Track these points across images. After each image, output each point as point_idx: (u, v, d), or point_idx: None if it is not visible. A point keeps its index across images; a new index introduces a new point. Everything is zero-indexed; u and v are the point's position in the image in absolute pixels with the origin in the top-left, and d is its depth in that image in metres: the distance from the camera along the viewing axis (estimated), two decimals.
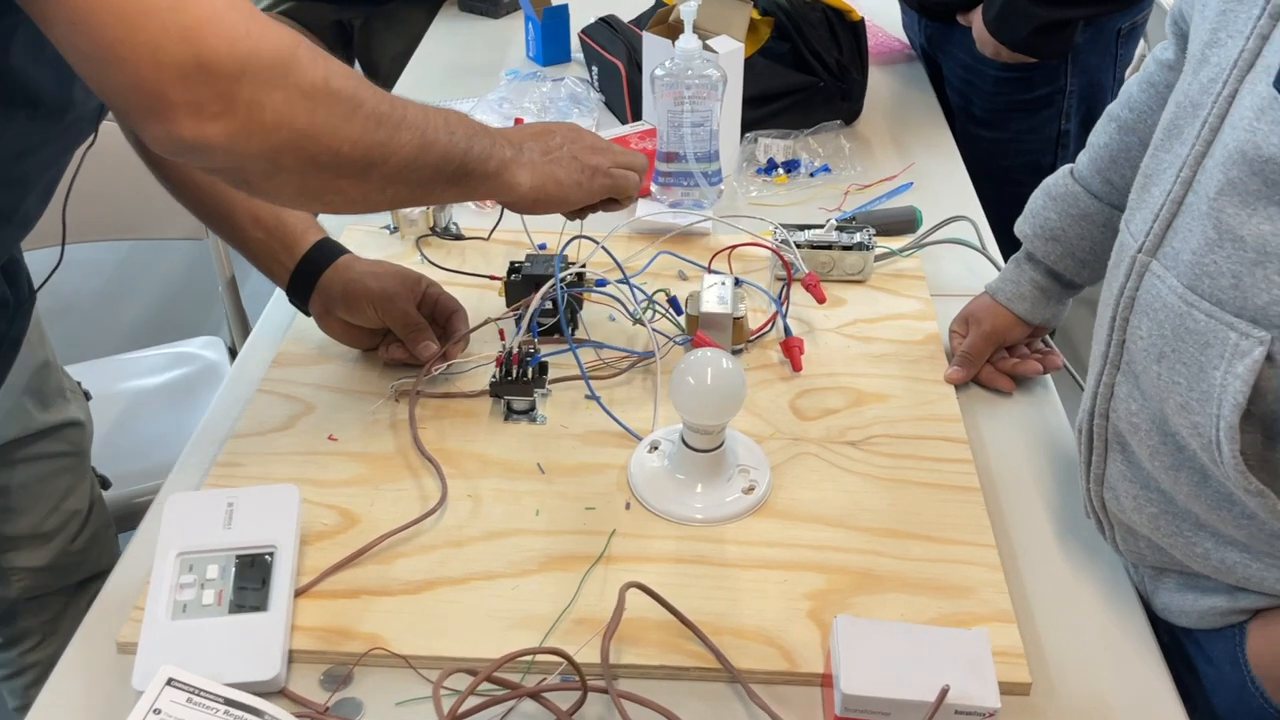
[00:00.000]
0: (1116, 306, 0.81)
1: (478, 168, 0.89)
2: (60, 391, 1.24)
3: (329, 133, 0.76)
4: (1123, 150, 1.01)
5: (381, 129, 0.80)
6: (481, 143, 0.89)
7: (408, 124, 0.82)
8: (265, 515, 0.88)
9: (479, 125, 0.91)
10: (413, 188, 0.86)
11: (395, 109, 0.81)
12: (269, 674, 0.79)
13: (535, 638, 0.84)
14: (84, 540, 1.29)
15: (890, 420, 1.06)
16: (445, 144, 0.85)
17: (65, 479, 1.25)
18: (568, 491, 0.98)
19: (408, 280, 1.10)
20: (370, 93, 0.79)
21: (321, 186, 0.80)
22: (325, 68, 0.75)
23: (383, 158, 0.81)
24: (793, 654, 0.83)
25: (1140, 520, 0.83)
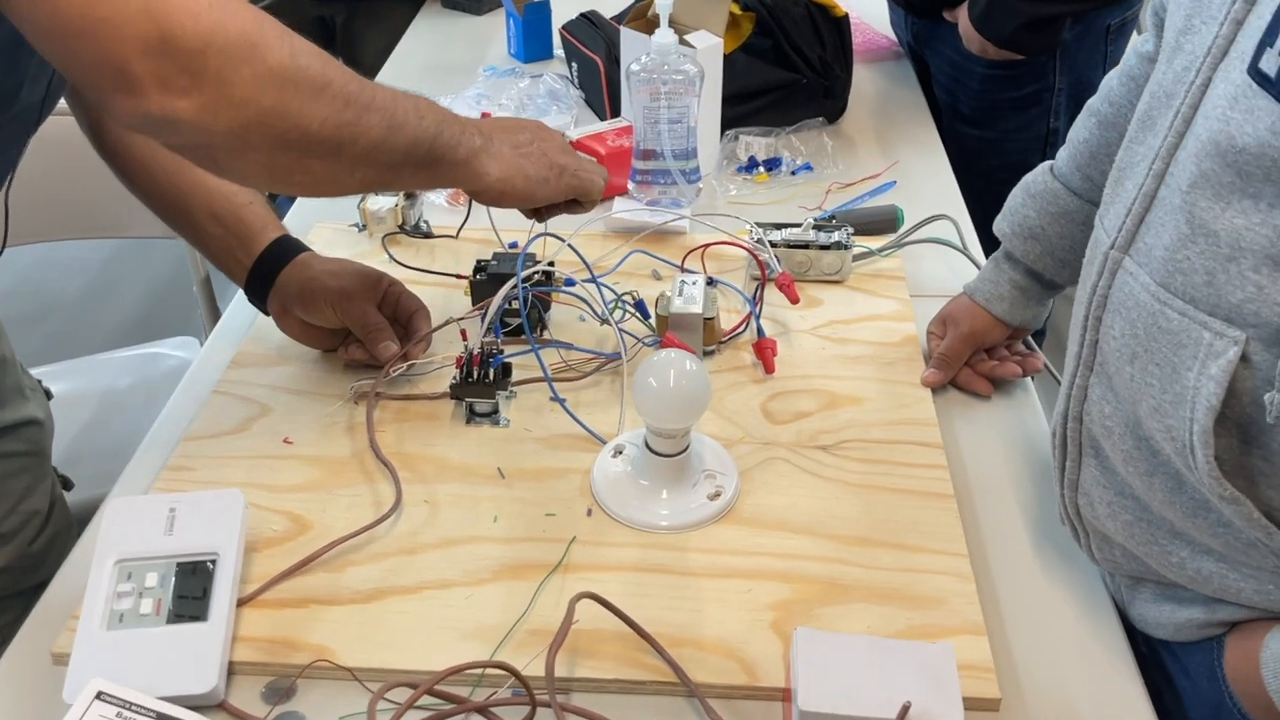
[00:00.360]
0: (1090, 305, 0.78)
1: (447, 154, 0.89)
2: (19, 389, 1.21)
3: (297, 110, 0.76)
4: (1103, 146, 0.98)
5: (350, 109, 0.79)
6: (451, 129, 0.89)
7: (376, 106, 0.82)
8: (208, 521, 0.85)
9: (449, 113, 0.90)
10: (381, 170, 0.85)
11: (364, 90, 0.81)
12: (206, 686, 0.76)
13: (487, 649, 0.81)
14: (44, 542, 1.26)
15: (864, 424, 1.03)
16: (415, 128, 0.85)
17: (24, 479, 1.22)
18: (528, 497, 0.95)
19: (368, 279, 1.07)
20: (338, 72, 0.79)
21: (290, 166, 0.80)
22: (292, 46, 0.75)
23: (351, 138, 0.80)
24: (754, 667, 0.80)
25: (1115, 528, 0.80)
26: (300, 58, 0.76)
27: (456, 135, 0.89)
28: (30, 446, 1.20)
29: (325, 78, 0.77)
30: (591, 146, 1.38)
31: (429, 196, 1.38)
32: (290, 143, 0.77)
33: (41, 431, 1.22)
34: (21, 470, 1.20)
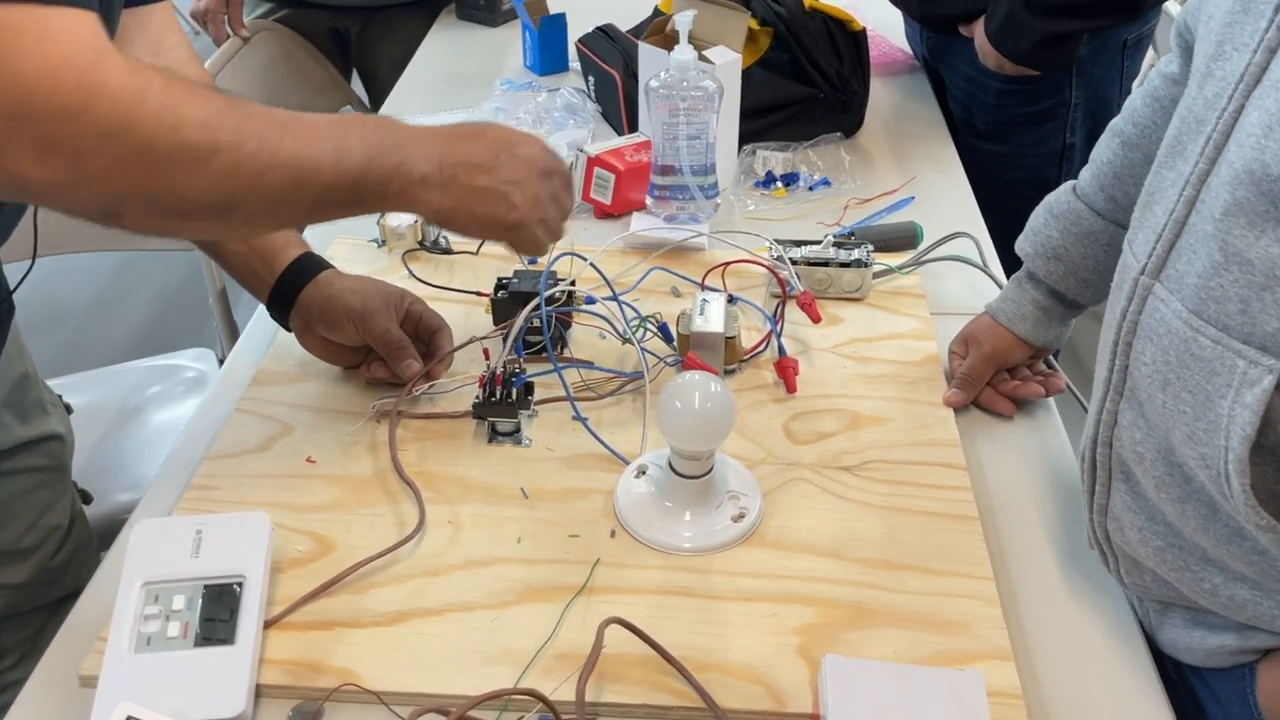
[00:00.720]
0: (1119, 330, 0.78)
1: (374, 192, 0.84)
2: (40, 404, 1.21)
3: (170, 185, 0.73)
4: (1126, 166, 0.98)
5: (241, 174, 0.76)
6: (385, 163, 0.84)
7: (280, 162, 0.78)
8: (235, 543, 0.85)
9: (391, 140, 0.85)
10: (287, 219, 0.83)
11: (265, 147, 0.77)
12: (235, 711, 0.76)
13: (513, 673, 0.81)
14: (64, 556, 1.26)
15: (887, 445, 1.03)
16: (329, 174, 0.81)
17: (44, 494, 1.22)
18: (551, 518, 0.95)
19: (389, 297, 1.07)
20: (234, 133, 0.75)
21: (172, 228, 0.78)
22: (177, 117, 0.72)
23: (241, 201, 0.77)
24: (780, 693, 0.80)
25: (1146, 553, 0.80)
26: (185, 130, 0.72)
27: (391, 169, 0.84)
28: (51, 461, 1.20)
29: (212, 146, 0.74)
30: (609, 162, 1.38)
31: None
32: (167, 210, 0.75)
33: (62, 446, 1.22)
34: (42, 485, 1.20)
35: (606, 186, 1.39)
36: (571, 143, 1.54)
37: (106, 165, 0.69)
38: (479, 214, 0.91)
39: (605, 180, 1.39)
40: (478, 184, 0.90)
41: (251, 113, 0.77)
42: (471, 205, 0.90)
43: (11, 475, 1.17)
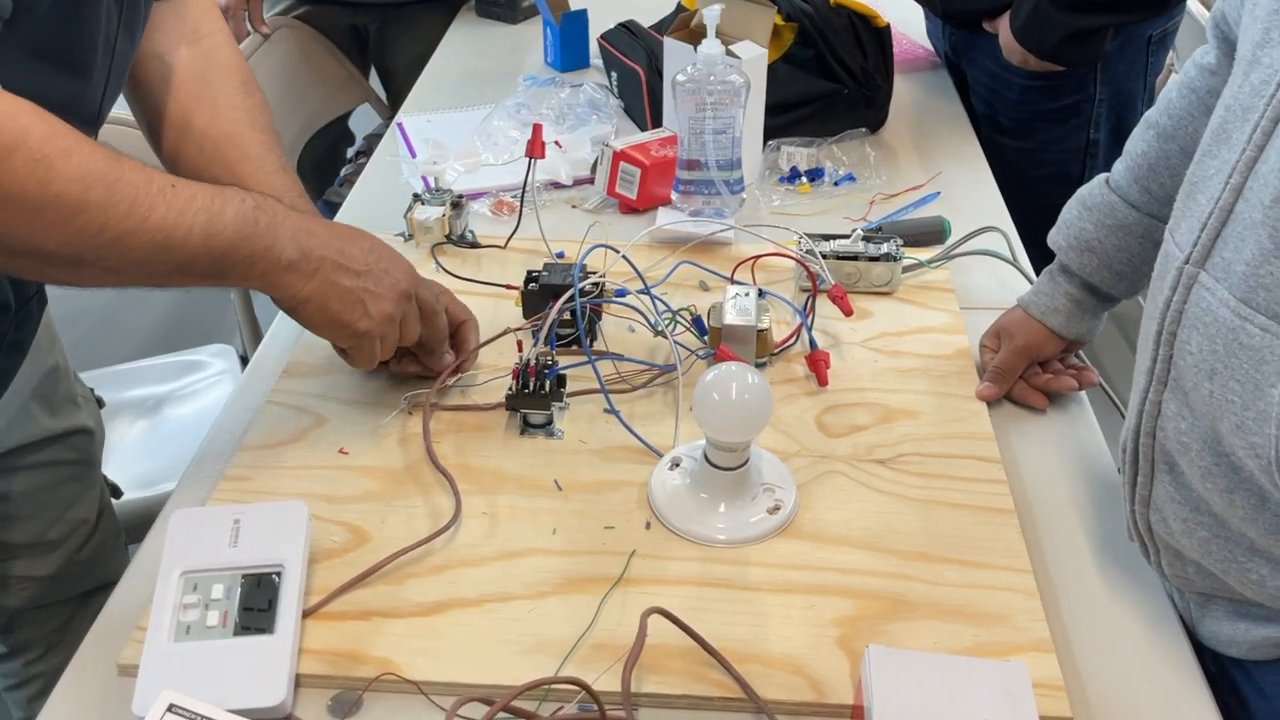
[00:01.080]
0: (1163, 320, 0.77)
1: (237, 269, 0.85)
2: (71, 398, 1.21)
3: (29, 233, 0.74)
4: (1161, 158, 0.97)
5: (104, 234, 0.76)
6: (254, 245, 0.85)
7: (147, 228, 0.78)
8: (273, 533, 0.85)
9: (266, 221, 0.86)
10: (141, 280, 0.83)
11: (135, 211, 0.77)
12: (275, 700, 0.76)
13: (552, 663, 0.81)
14: (91, 550, 1.26)
15: (920, 438, 1.02)
16: (196, 245, 0.81)
17: (72, 487, 1.22)
18: (586, 509, 0.94)
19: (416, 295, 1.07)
20: (105, 195, 0.75)
21: (18, 269, 0.79)
22: (47, 171, 0.72)
23: (98, 257, 0.78)
24: (821, 684, 0.80)
25: (1189, 544, 0.79)
26: (55, 184, 0.73)
27: (259, 251, 0.85)
28: (79, 455, 1.20)
29: (80, 203, 0.74)
30: (635, 156, 1.38)
31: (475, 206, 1.38)
32: (16, 251, 0.75)
33: (91, 440, 1.22)
34: (70, 479, 1.20)
35: (632, 181, 1.39)
36: (595, 138, 1.54)
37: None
38: (332, 311, 0.92)
39: (631, 175, 1.39)
40: (340, 283, 0.91)
41: (130, 176, 0.78)
42: (328, 301, 0.91)
43: (38, 468, 1.17)
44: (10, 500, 1.16)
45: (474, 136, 1.55)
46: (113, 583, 0.90)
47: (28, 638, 1.30)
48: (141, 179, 0.79)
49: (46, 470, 1.18)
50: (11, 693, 1.35)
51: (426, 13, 2.18)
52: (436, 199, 1.31)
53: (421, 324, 1.01)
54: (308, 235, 0.90)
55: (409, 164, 1.51)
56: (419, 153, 1.55)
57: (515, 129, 1.58)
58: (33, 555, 1.21)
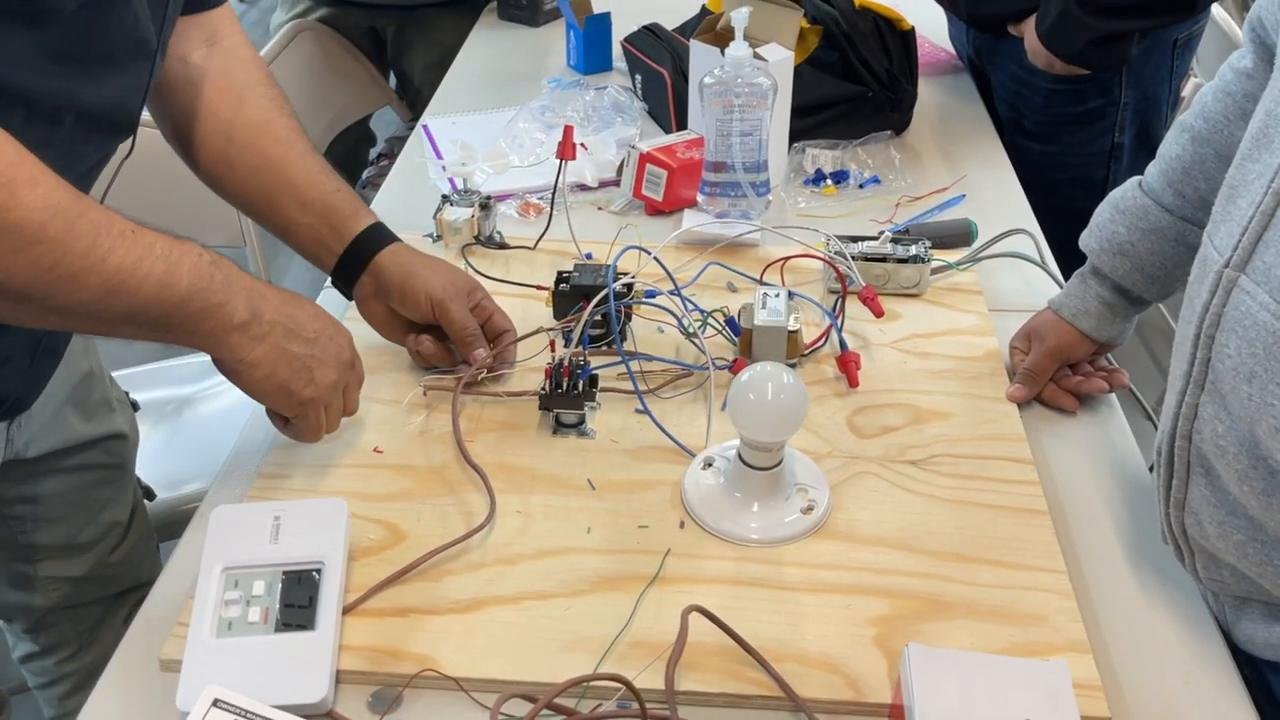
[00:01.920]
0: (1201, 324, 0.77)
1: (186, 323, 0.83)
2: (106, 402, 1.21)
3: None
4: (1196, 162, 0.97)
5: (59, 268, 0.74)
6: (208, 300, 0.83)
7: (106, 268, 0.76)
8: (313, 530, 0.85)
9: (221, 278, 0.84)
10: (85, 323, 0.81)
11: (95, 249, 0.76)
12: (317, 696, 0.76)
13: (590, 660, 0.81)
14: (123, 552, 1.27)
15: (951, 439, 1.03)
16: (149, 294, 0.79)
17: (105, 490, 1.23)
18: (620, 508, 0.95)
19: (465, 285, 1.08)
20: (65, 230, 0.74)
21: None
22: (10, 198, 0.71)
23: (46, 294, 0.75)
24: (859, 683, 0.80)
25: (1225, 548, 0.79)
26: (15, 211, 0.71)
27: (211, 307, 0.83)
28: (113, 459, 1.21)
29: (37, 236, 0.72)
30: (662, 159, 1.39)
31: (501, 208, 1.39)
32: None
33: (125, 445, 1.23)
34: (103, 482, 1.21)
35: (658, 183, 1.39)
36: (621, 140, 1.54)
37: None
38: (279, 379, 0.90)
39: (657, 177, 1.39)
40: (290, 349, 0.89)
41: (92, 215, 0.76)
42: (276, 367, 0.89)
43: (72, 471, 1.18)
44: (42, 503, 1.16)
45: (500, 139, 1.55)
46: (144, 584, 0.91)
47: (59, 637, 1.31)
48: (103, 219, 0.77)
49: (80, 474, 1.19)
50: (43, 690, 1.36)
51: (443, 16, 2.19)
52: (465, 200, 1.31)
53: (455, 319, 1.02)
54: (260, 298, 0.88)
55: (434, 166, 1.52)
56: (445, 154, 1.56)
57: (541, 131, 1.59)
58: (64, 557, 1.22)
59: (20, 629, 1.30)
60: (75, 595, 1.26)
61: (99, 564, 1.24)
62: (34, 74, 0.78)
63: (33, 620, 1.28)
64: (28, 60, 0.78)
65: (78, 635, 1.29)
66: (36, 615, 1.27)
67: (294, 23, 2.08)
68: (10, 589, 1.24)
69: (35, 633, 1.30)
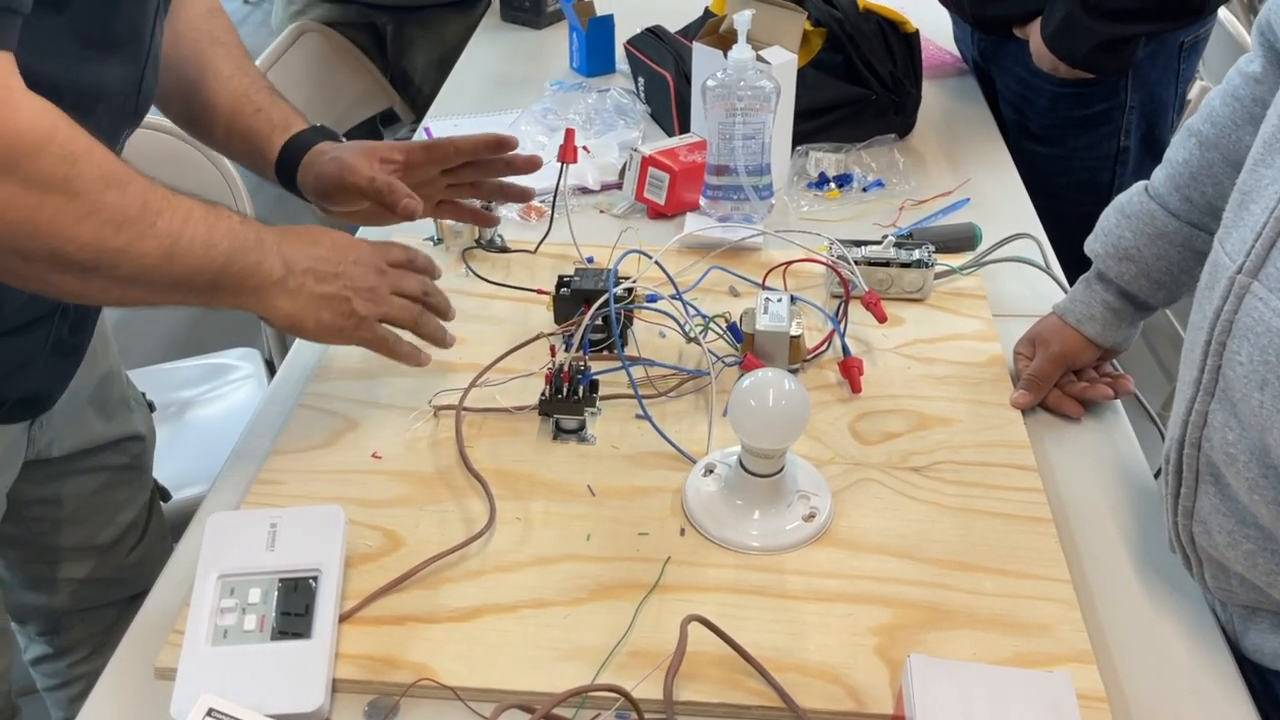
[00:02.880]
0: (1212, 330, 0.76)
1: (232, 284, 0.86)
2: (124, 402, 1.21)
3: (50, 230, 0.74)
4: (1204, 167, 0.96)
5: (122, 234, 0.77)
6: (246, 259, 0.86)
7: (157, 232, 0.79)
8: (309, 537, 0.85)
9: (254, 237, 0.86)
10: (148, 292, 0.82)
11: (146, 214, 0.78)
12: (313, 705, 0.76)
13: (589, 670, 0.80)
14: (139, 554, 1.26)
15: (955, 446, 1.02)
16: (199, 257, 0.82)
17: (122, 491, 1.22)
18: (620, 515, 0.94)
19: (369, 149, 1.06)
20: (119, 196, 0.76)
21: (28, 275, 0.78)
22: (72, 167, 0.73)
23: (114, 264, 0.78)
24: (860, 693, 0.79)
25: (1234, 557, 0.78)
26: (77, 181, 0.73)
27: (251, 265, 0.86)
28: (131, 460, 1.21)
29: (99, 202, 0.75)
30: (664, 162, 1.38)
31: (503, 211, 1.38)
32: (33, 256, 0.75)
33: (143, 446, 1.22)
34: (120, 483, 1.21)
35: (661, 186, 1.39)
36: (623, 143, 1.54)
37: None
38: (326, 322, 0.92)
39: (659, 180, 1.38)
40: (324, 290, 0.92)
41: (138, 180, 0.78)
42: (320, 313, 0.92)
43: (91, 472, 1.17)
44: (61, 504, 1.16)
45: None
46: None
47: (74, 639, 1.30)
48: (146, 183, 0.79)
49: (98, 475, 1.18)
50: (53, 693, 1.35)
51: (445, 16, 2.18)
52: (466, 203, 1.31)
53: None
54: (289, 247, 0.90)
55: None
56: None
57: (543, 134, 1.58)
58: (81, 559, 1.21)
59: (35, 631, 1.30)
60: (92, 597, 1.25)
61: (117, 566, 1.23)
62: (64, 60, 0.79)
63: (49, 622, 1.28)
64: (58, 48, 0.78)
65: (91, 638, 1.28)
66: (54, 617, 1.27)
67: (297, 24, 2.08)
68: (28, 590, 1.23)
69: (50, 635, 1.30)
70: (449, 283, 1.24)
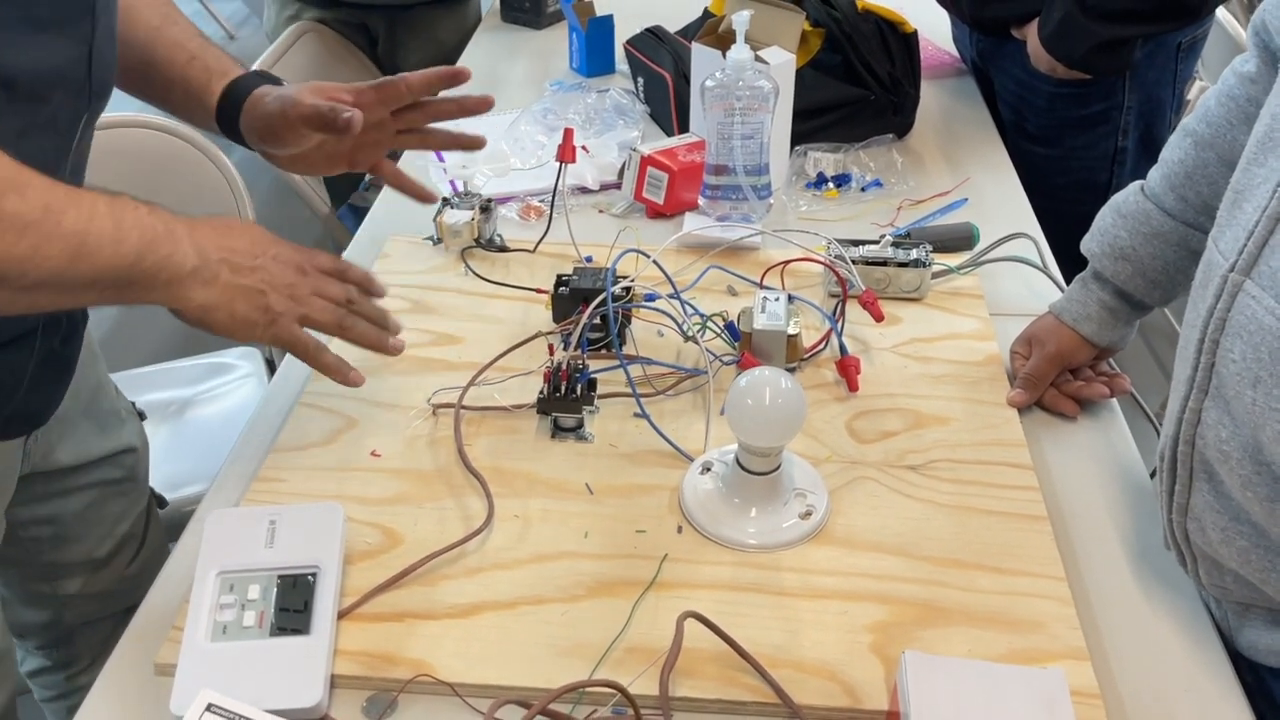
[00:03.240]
0: (1205, 328, 0.77)
1: (144, 278, 0.82)
2: (115, 414, 1.20)
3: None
4: (1199, 166, 0.97)
5: (24, 241, 0.74)
6: (158, 252, 0.82)
7: (61, 234, 0.76)
8: (308, 534, 0.85)
9: (164, 228, 0.83)
10: (55, 295, 0.80)
11: (49, 216, 0.75)
12: (311, 701, 0.76)
13: (586, 666, 0.81)
14: (139, 564, 1.26)
15: (951, 444, 1.02)
16: (108, 255, 0.79)
17: (119, 503, 1.21)
18: (617, 513, 0.95)
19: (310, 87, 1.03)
20: (18, 201, 0.73)
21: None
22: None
23: (20, 272, 0.75)
24: (855, 690, 0.80)
25: (1228, 554, 0.79)
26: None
27: (162, 259, 0.82)
28: (126, 473, 1.20)
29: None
30: (663, 161, 1.38)
31: (501, 211, 1.38)
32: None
33: (137, 458, 1.21)
34: (117, 495, 1.20)
35: (659, 186, 1.39)
36: (622, 143, 1.54)
37: None
38: (240, 314, 0.89)
39: (658, 180, 1.39)
40: (239, 282, 0.88)
41: (38, 181, 0.76)
42: (234, 304, 0.88)
43: (87, 489, 1.16)
44: (56, 522, 1.15)
45: (501, 141, 1.55)
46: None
47: (74, 653, 1.29)
48: (46, 183, 0.76)
49: (93, 490, 1.17)
50: (52, 703, 1.35)
51: (436, 16, 2.19)
52: (465, 203, 1.31)
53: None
54: (202, 237, 0.87)
55: (436, 168, 1.52)
56: (446, 157, 1.55)
57: (542, 134, 1.58)
58: (83, 573, 1.20)
59: (34, 645, 1.29)
60: (93, 610, 1.24)
61: (117, 578, 1.23)
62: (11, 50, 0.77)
63: (50, 637, 1.27)
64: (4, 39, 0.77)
65: (91, 649, 1.28)
66: (55, 632, 1.26)
67: (298, 24, 2.08)
68: (29, 608, 1.23)
69: (49, 649, 1.29)
70: (448, 281, 1.25)
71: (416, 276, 1.26)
